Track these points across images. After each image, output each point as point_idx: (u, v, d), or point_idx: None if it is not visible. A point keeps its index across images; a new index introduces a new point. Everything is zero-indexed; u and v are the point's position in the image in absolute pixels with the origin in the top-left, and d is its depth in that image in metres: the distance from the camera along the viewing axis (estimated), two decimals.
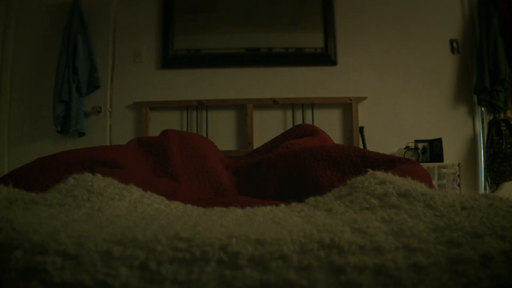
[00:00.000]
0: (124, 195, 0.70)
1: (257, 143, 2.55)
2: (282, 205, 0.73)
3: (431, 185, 1.01)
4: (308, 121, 2.61)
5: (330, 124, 2.62)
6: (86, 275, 0.29)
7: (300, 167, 1.15)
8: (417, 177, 0.79)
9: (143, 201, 0.70)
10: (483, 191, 2.57)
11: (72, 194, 0.66)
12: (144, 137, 1.57)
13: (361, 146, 2.58)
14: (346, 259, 0.32)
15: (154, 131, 2.58)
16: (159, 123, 2.62)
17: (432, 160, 2.48)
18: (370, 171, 0.75)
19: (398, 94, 2.69)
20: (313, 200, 0.73)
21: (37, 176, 0.96)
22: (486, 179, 2.57)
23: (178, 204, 0.76)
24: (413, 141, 2.52)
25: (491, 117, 2.60)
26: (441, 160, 2.38)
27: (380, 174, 0.74)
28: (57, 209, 0.59)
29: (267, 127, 2.62)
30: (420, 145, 2.52)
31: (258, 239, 0.35)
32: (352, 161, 1.08)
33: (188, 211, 0.67)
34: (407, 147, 2.47)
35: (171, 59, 2.69)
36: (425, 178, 1.00)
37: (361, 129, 2.59)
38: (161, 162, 1.36)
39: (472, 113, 2.67)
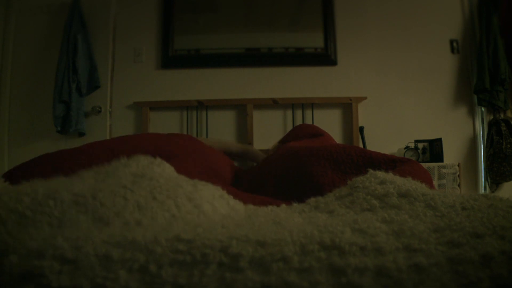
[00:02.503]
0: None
1: (257, 143, 2.55)
2: (283, 205, 0.73)
3: (431, 186, 1.01)
4: (308, 121, 2.61)
5: (330, 124, 2.62)
6: (85, 279, 0.28)
7: (301, 166, 1.15)
8: (417, 177, 0.78)
9: (153, 168, 0.66)
10: (483, 191, 2.57)
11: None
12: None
13: (361, 146, 2.58)
14: (347, 260, 0.32)
15: (154, 131, 2.58)
16: (159, 123, 2.62)
17: (432, 160, 2.48)
18: (370, 171, 0.75)
19: (398, 94, 2.69)
20: (314, 201, 0.72)
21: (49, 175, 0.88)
22: (486, 179, 2.57)
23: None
24: (413, 141, 2.52)
25: (491, 117, 2.60)
26: (441, 160, 2.38)
27: (380, 174, 0.74)
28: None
29: (267, 127, 2.62)
30: (420, 145, 2.52)
31: (259, 240, 0.35)
32: (354, 160, 1.08)
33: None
34: (407, 147, 2.47)
35: (171, 59, 2.69)
36: (426, 179, 1.00)
37: (361, 129, 2.59)
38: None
39: (472, 113, 2.67)
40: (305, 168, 1.12)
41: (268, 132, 2.56)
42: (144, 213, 0.46)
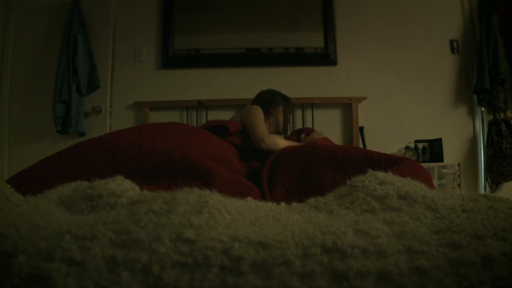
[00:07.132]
0: None
1: None
2: (283, 204, 0.73)
3: (431, 185, 1.01)
4: (308, 120, 2.61)
5: (330, 124, 2.62)
6: (90, 282, 0.28)
7: (303, 164, 1.15)
8: (417, 177, 0.78)
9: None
10: (483, 191, 2.57)
11: None
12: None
13: (361, 146, 2.58)
14: (348, 264, 0.32)
15: None
16: None
17: (432, 160, 2.48)
18: (370, 170, 0.75)
19: (398, 94, 2.69)
20: (314, 201, 0.72)
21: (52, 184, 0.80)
22: (486, 179, 2.57)
23: None
24: (413, 141, 2.52)
25: (491, 117, 2.60)
26: (441, 160, 2.38)
27: (380, 174, 0.74)
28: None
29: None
30: (420, 145, 2.52)
31: (261, 242, 0.34)
32: (354, 160, 1.08)
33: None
34: (407, 147, 2.47)
35: (171, 59, 2.69)
36: (426, 178, 1.00)
37: (361, 129, 2.59)
38: None
39: (472, 113, 2.67)
40: (307, 167, 1.13)
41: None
42: None
